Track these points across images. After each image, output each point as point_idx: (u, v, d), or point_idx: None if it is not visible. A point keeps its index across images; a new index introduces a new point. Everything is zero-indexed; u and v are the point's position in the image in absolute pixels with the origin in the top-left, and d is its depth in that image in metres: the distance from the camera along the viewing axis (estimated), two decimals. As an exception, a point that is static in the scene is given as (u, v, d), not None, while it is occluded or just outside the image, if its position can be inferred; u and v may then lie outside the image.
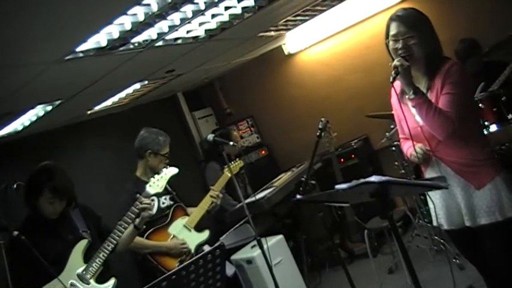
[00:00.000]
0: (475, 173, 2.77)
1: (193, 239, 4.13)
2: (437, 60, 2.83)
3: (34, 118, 4.81)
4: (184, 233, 4.11)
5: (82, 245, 3.37)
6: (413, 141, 2.88)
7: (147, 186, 3.81)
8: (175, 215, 4.18)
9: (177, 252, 4.00)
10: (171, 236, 4.07)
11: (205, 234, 4.23)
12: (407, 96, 2.79)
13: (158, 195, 4.08)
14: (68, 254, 3.32)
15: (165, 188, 4.08)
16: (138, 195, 3.61)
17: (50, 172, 3.35)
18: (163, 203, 4.18)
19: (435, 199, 2.96)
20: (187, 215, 4.26)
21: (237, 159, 4.87)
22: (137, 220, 3.58)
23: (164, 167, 4.10)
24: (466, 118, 2.74)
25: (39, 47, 3.08)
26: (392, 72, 2.75)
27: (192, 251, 4.08)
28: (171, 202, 4.23)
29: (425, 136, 2.85)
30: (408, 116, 2.87)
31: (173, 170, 4.04)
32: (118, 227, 3.48)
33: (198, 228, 4.26)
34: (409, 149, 2.99)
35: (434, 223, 3.06)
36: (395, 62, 2.74)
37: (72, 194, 3.46)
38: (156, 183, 3.84)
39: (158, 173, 3.89)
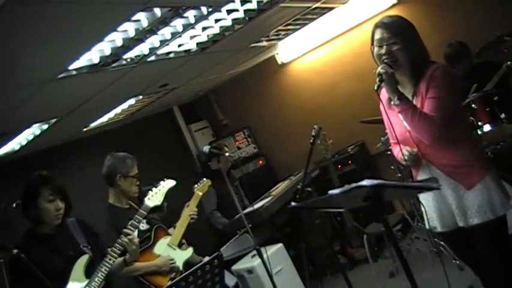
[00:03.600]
0: (465, 174, 2.78)
1: (180, 257, 4.11)
2: (422, 65, 2.84)
3: (31, 137, 4.84)
4: (170, 252, 4.10)
5: (83, 260, 3.34)
6: (403, 145, 2.92)
7: (146, 199, 3.81)
8: (157, 236, 4.15)
9: (167, 269, 3.98)
10: (158, 256, 4.06)
11: (190, 251, 4.22)
12: (392, 103, 2.81)
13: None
14: (69, 269, 3.30)
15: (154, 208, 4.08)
16: (124, 229, 3.56)
17: (44, 176, 3.33)
18: (142, 226, 4.16)
19: (427, 202, 2.98)
20: (168, 234, 4.25)
21: (205, 179, 4.85)
22: (127, 255, 3.57)
23: (137, 189, 4.11)
24: (453, 120, 2.76)
25: (32, 67, 3.12)
26: (377, 80, 2.77)
27: (181, 268, 4.07)
28: (148, 225, 4.20)
29: (414, 140, 2.87)
30: (397, 121, 2.89)
31: (171, 183, 4.04)
32: (115, 244, 3.48)
33: (182, 245, 4.27)
34: (399, 152, 3.00)
35: (427, 226, 3.07)
36: (380, 70, 2.75)
37: (68, 197, 3.42)
38: (155, 196, 3.84)
39: (155, 186, 3.90)
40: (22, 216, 3.32)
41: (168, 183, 3.98)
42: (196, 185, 4.69)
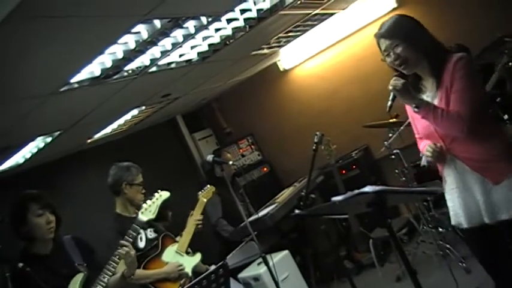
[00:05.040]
0: (492, 168, 2.72)
1: (188, 263, 4.12)
2: (438, 55, 2.78)
3: (35, 150, 4.86)
4: (178, 259, 4.10)
5: (78, 279, 3.26)
6: (428, 140, 2.89)
7: (139, 213, 3.75)
8: (165, 244, 4.16)
9: (175, 276, 3.99)
10: (166, 263, 4.07)
11: (198, 256, 4.23)
12: (413, 110, 2.78)
13: (143, 227, 4.05)
14: None
15: (148, 221, 4.08)
16: (121, 241, 3.47)
17: (29, 193, 3.29)
18: (150, 235, 4.16)
19: (453, 198, 2.90)
20: (175, 242, 4.26)
21: (209, 186, 4.88)
22: (126, 269, 3.45)
23: (143, 197, 4.10)
24: (480, 112, 2.70)
25: (34, 80, 3.14)
26: (390, 98, 2.77)
27: (190, 274, 4.07)
28: (156, 234, 4.21)
29: (439, 134, 2.82)
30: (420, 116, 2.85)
31: (165, 194, 3.97)
32: (113, 257, 3.38)
33: (188, 253, 4.29)
34: (425, 147, 2.94)
35: (453, 222, 2.97)
36: (389, 87, 2.75)
37: (57, 211, 3.37)
38: (149, 210, 3.71)
39: (146, 201, 3.84)
40: (14, 236, 3.28)
41: (162, 196, 3.92)
42: (200, 192, 4.70)
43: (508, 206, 2.67)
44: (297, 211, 3.27)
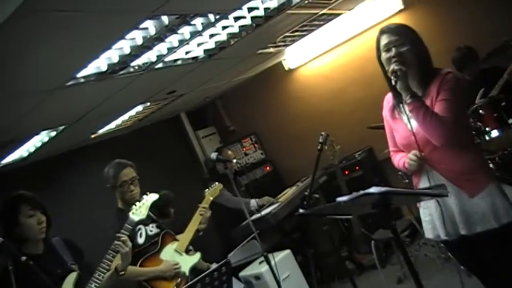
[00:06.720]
0: (469, 181, 2.74)
1: (186, 263, 4.10)
2: (429, 68, 2.84)
3: (39, 144, 4.86)
4: (177, 258, 4.09)
5: (72, 278, 3.26)
6: (407, 150, 2.90)
7: (130, 213, 3.76)
8: (164, 241, 4.15)
9: (171, 274, 3.96)
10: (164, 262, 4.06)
11: (197, 256, 4.21)
12: (405, 100, 2.75)
13: (145, 223, 4.08)
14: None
15: (150, 217, 4.08)
16: (117, 234, 3.49)
17: (19, 194, 3.27)
18: (150, 231, 4.13)
19: (430, 209, 2.92)
20: (176, 240, 4.25)
21: (216, 183, 4.89)
22: (119, 263, 3.47)
23: (134, 194, 4.07)
24: (462, 125, 2.74)
25: (41, 75, 3.14)
26: (392, 77, 2.75)
27: (187, 274, 4.06)
28: (158, 230, 4.20)
29: (419, 144, 2.80)
30: (400, 127, 2.90)
31: (153, 196, 3.97)
32: (107, 256, 3.38)
33: (189, 251, 4.28)
34: (401, 159, 2.98)
35: (430, 236, 3.00)
36: (394, 67, 2.74)
37: (47, 212, 3.35)
38: (139, 210, 3.75)
39: (139, 200, 3.86)
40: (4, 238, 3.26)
41: (151, 197, 3.93)
42: (207, 190, 4.69)
43: (483, 218, 2.69)
44: (301, 210, 3.26)
